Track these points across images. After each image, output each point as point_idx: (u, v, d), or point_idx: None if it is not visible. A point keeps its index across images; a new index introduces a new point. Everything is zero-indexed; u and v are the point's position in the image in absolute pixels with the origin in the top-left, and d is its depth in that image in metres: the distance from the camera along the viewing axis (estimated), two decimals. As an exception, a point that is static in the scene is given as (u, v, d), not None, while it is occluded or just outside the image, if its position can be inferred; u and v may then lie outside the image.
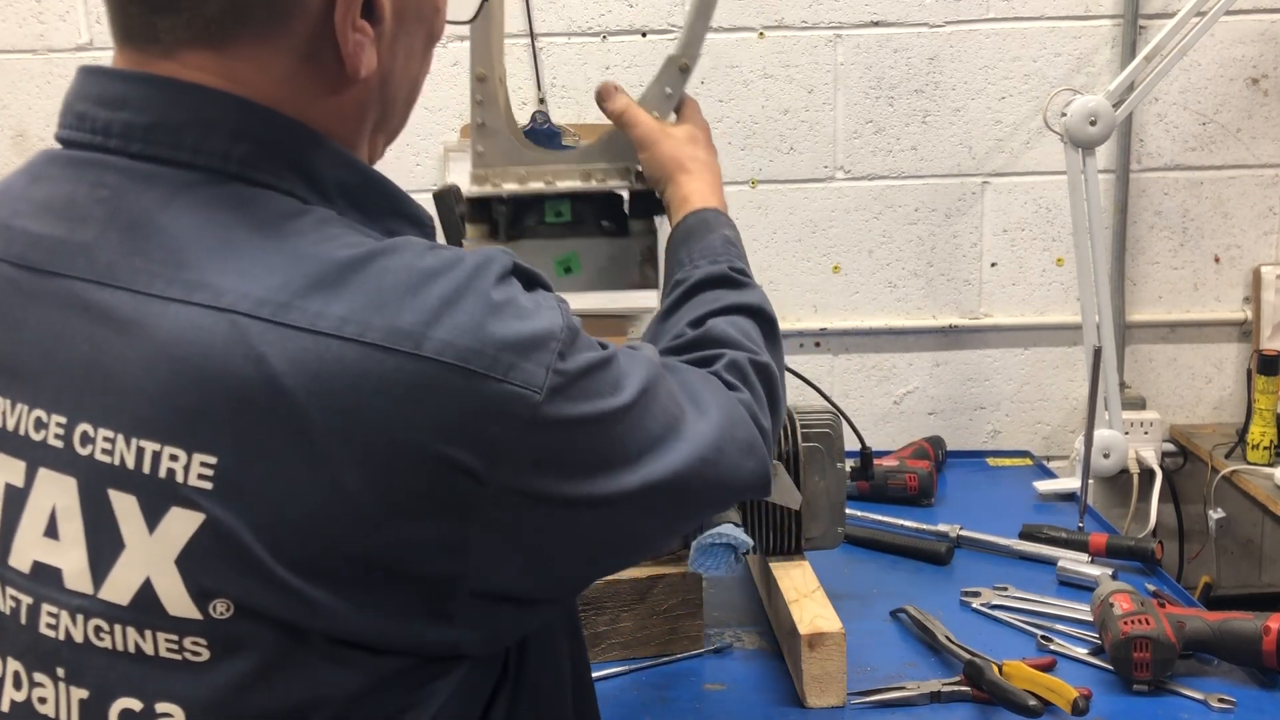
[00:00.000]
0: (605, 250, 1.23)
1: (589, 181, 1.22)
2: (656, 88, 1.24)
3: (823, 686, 1.30)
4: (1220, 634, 1.33)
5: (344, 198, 0.77)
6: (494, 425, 0.68)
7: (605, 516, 0.75)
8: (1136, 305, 2.31)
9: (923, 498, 1.92)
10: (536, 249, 1.22)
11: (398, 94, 0.84)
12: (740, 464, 0.87)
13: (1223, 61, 2.21)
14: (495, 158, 1.22)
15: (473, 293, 0.70)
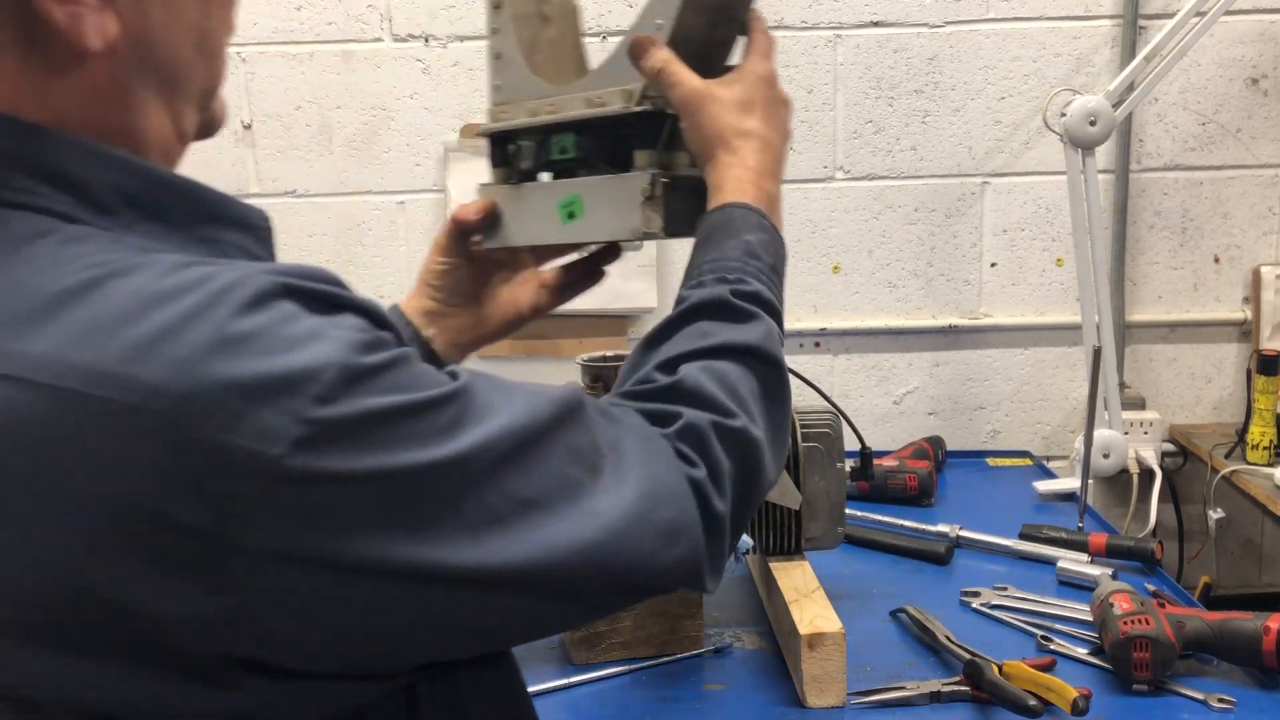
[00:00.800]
0: (606, 189, 1.04)
1: (589, 108, 1.05)
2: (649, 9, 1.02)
3: (823, 686, 1.30)
4: (1220, 634, 1.33)
5: (133, 207, 0.67)
6: (224, 482, 0.57)
7: (421, 591, 0.63)
8: (1136, 305, 2.31)
9: (923, 498, 1.92)
10: (542, 193, 1.09)
11: (176, 50, 0.70)
12: (655, 551, 0.73)
13: (1222, 61, 2.21)
14: (512, 90, 1.11)
15: (203, 322, 0.58)
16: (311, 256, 2.27)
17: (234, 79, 2.21)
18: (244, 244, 0.72)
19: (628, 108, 1.01)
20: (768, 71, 0.99)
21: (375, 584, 0.62)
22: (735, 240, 0.92)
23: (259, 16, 2.20)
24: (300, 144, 2.24)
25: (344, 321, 0.65)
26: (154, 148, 0.71)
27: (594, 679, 1.38)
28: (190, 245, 0.68)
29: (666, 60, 0.97)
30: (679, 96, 0.96)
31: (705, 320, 0.87)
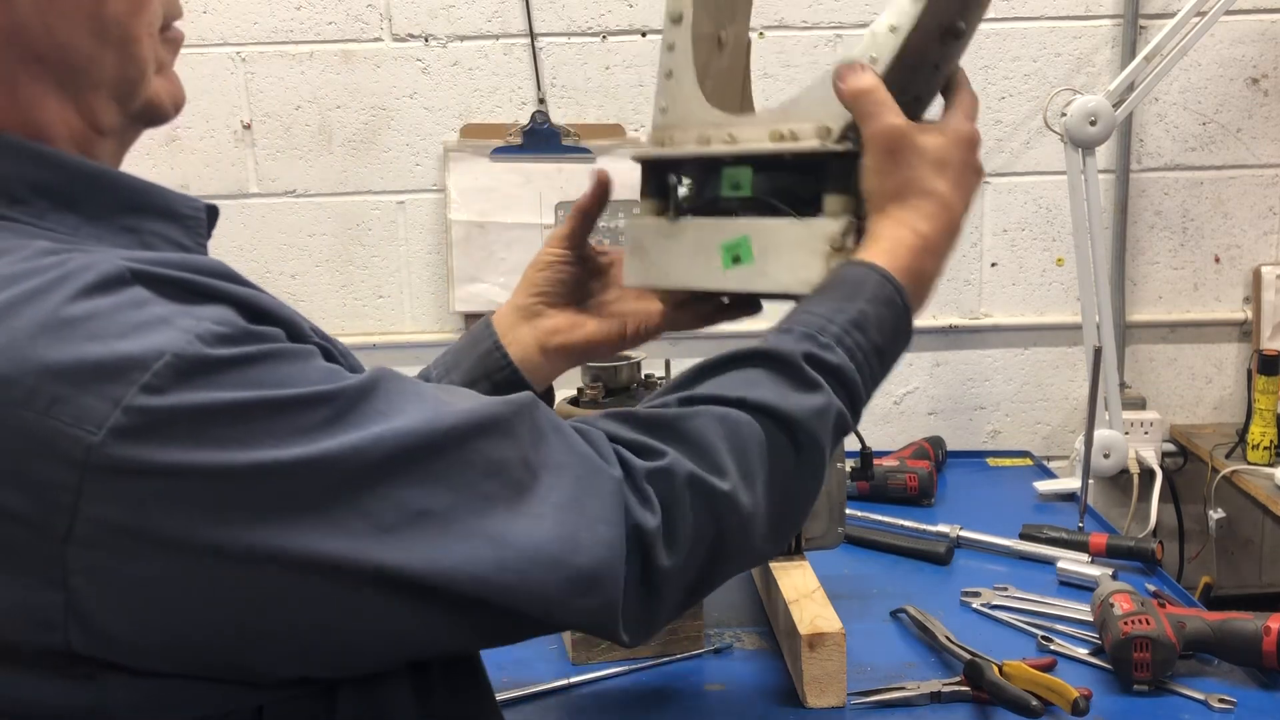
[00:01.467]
0: (784, 235, 0.93)
1: (776, 142, 0.94)
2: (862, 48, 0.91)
3: (823, 686, 1.30)
4: (1220, 634, 1.32)
5: (44, 197, 0.66)
6: (44, 467, 0.56)
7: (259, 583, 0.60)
8: (1136, 305, 2.31)
9: (923, 498, 1.92)
10: (703, 231, 0.97)
11: (64, 39, 0.67)
12: (560, 598, 0.67)
13: (1223, 61, 2.21)
14: (680, 113, 1.00)
15: (35, 305, 0.57)
16: (311, 256, 2.27)
17: (234, 79, 2.21)
18: (169, 234, 0.70)
19: (825, 145, 0.91)
20: (971, 133, 0.92)
21: (208, 577, 0.59)
22: (852, 305, 0.84)
23: (259, 16, 2.19)
24: (300, 144, 2.24)
25: (202, 311, 0.61)
26: (61, 140, 0.68)
27: (594, 679, 1.38)
28: (110, 235, 0.67)
29: (875, 86, 0.88)
30: (877, 129, 0.88)
31: (763, 370, 0.81)
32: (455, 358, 1.11)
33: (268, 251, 2.27)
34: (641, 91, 2.22)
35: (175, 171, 2.24)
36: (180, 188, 2.37)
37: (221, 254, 2.28)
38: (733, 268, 0.96)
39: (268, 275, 2.27)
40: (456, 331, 2.29)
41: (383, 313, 2.31)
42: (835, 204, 0.92)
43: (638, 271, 1.03)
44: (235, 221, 2.26)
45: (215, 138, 2.24)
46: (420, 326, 2.31)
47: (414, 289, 2.30)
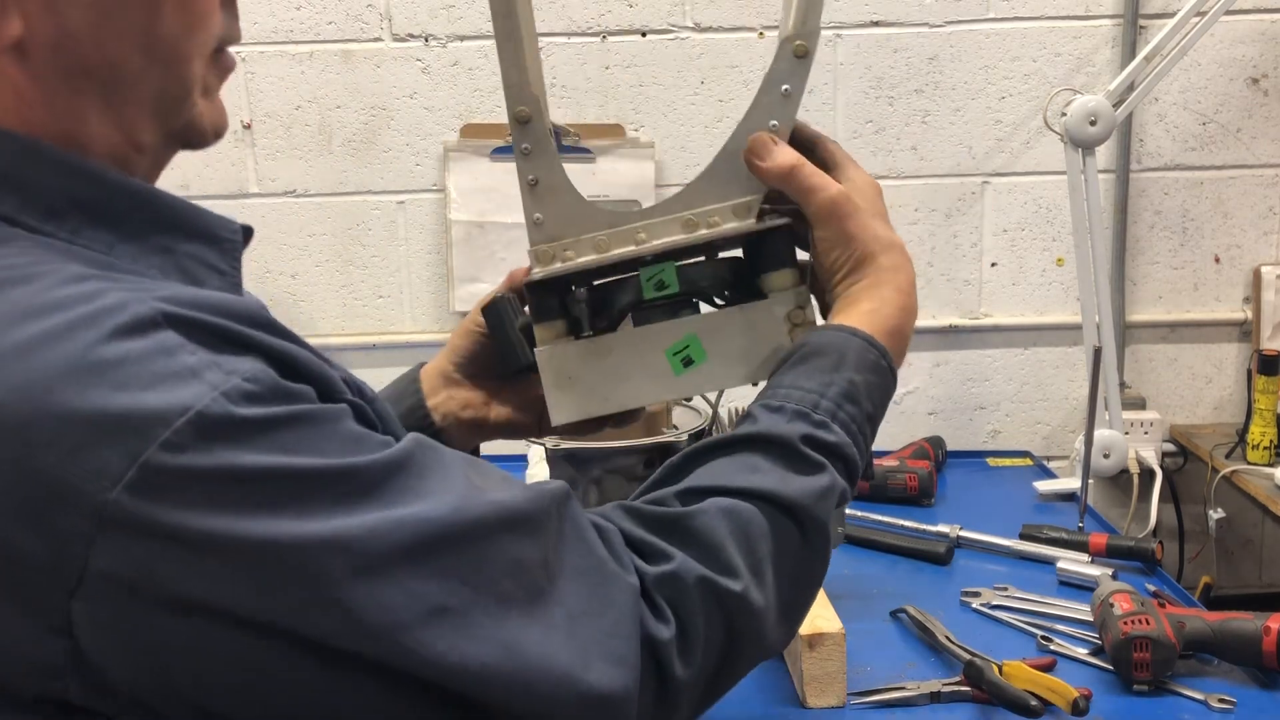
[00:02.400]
0: (735, 324, 0.89)
1: (695, 231, 0.89)
2: (769, 90, 0.88)
3: (823, 686, 1.30)
4: (1220, 634, 1.33)
5: (82, 214, 0.64)
6: (59, 515, 0.55)
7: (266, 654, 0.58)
8: (1136, 305, 2.31)
9: (923, 498, 1.92)
10: (639, 342, 0.91)
11: (113, 54, 0.65)
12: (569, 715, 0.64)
13: (1223, 61, 2.21)
14: (561, 224, 0.91)
15: (64, 344, 0.56)
16: (311, 256, 2.27)
17: (234, 79, 2.20)
18: (205, 256, 0.69)
19: (755, 227, 0.88)
20: (872, 178, 0.89)
21: (212, 642, 0.57)
22: (840, 375, 0.81)
23: (259, 16, 2.19)
24: (300, 144, 2.24)
25: (233, 364, 0.59)
26: (99, 155, 0.67)
27: (594, 679, 1.38)
28: (145, 255, 0.66)
29: (799, 162, 0.86)
30: (822, 202, 0.85)
31: (761, 455, 0.77)
32: None
33: (268, 251, 2.27)
34: (641, 91, 2.22)
35: (175, 171, 2.23)
36: (180, 188, 2.37)
37: (221, 254, 2.23)
38: (685, 372, 0.91)
39: (268, 275, 2.27)
40: (456, 331, 2.29)
41: (383, 313, 2.30)
42: (784, 278, 0.90)
43: (572, 404, 0.92)
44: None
45: (215, 138, 2.23)
46: (420, 326, 2.31)
47: (414, 289, 2.30)
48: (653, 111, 2.23)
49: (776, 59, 0.88)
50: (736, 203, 0.89)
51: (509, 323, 0.96)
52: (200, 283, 0.67)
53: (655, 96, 2.23)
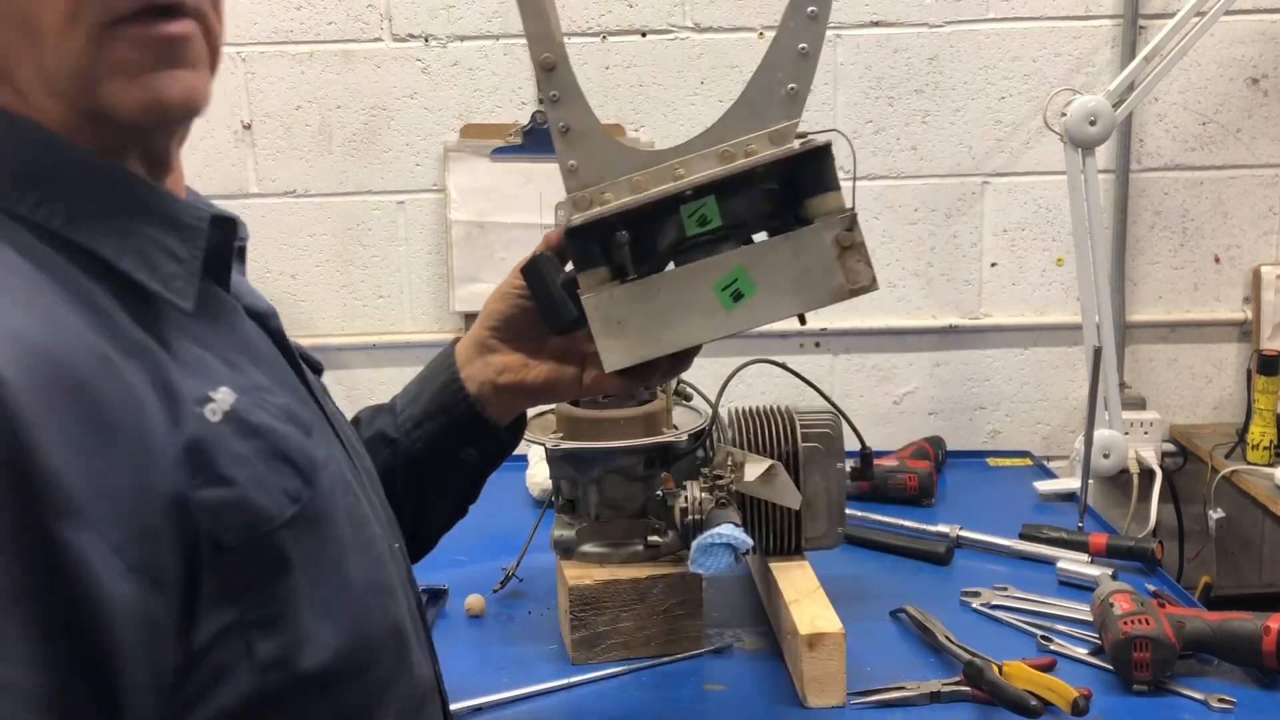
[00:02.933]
0: (783, 253, 0.88)
1: (733, 162, 0.88)
2: (788, 31, 0.87)
3: (823, 686, 1.30)
4: (1220, 634, 1.33)
5: (45, 186, 0.63)
6: None
7: None
8: (1136, 305, 2.31)
9: (923, 498, 1.92)
10: (687, 280, 0.89)
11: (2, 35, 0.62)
12: None
13: (1223, 61, 2.21)
14: (596, 168, 0.90)
15: None
16: (311, 256, 2.27)
17: (234, 79, 2.21)
18: (163, 241, 0.67)
19: (792, 151, 0.87)
20: None
21: None
22: None
23: (259, 16, 2.19)
24: (300, 144, 2.24)
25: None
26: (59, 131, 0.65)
27: (594, 679, 1.38)
28: (102, 236, 0.64)
29: None
30: None
31: None
32: (419, 388, 1.09)
33: (268, 251, 2.27)
34: (641, 91, 2.22)
35: (175, 171, 2.24)
36: (180, 188, 2.36)
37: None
38: (736, 306, 0.89)
39: (268, 275, 2.27)
40: (456, 331, 2.29)
41: (383, 313, 2.31)
42: (829, 201, 0.88)
43: (623, 349, 0.91)
44: (235, 221, 2.26)
45: (215, 138, 2.24)
46: (420, 326, 2.31)
47: (414, 289, 2.30)
48: (653, 111, 2.23)
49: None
50: (773, 130, 0.88)
51: (550, 279, 0.95)
52: (156, 267, 0.66)
53: (655, 96, 2.23)
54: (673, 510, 1.41)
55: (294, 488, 0.67)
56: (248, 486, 0.63)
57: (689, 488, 1.41)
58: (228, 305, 0.74)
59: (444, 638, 1.53)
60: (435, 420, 1.05)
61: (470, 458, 1.07)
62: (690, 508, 1.39)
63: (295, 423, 0.70)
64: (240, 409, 0.65)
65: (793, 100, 0.88)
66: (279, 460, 0.67)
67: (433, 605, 1.60)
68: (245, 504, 0.63)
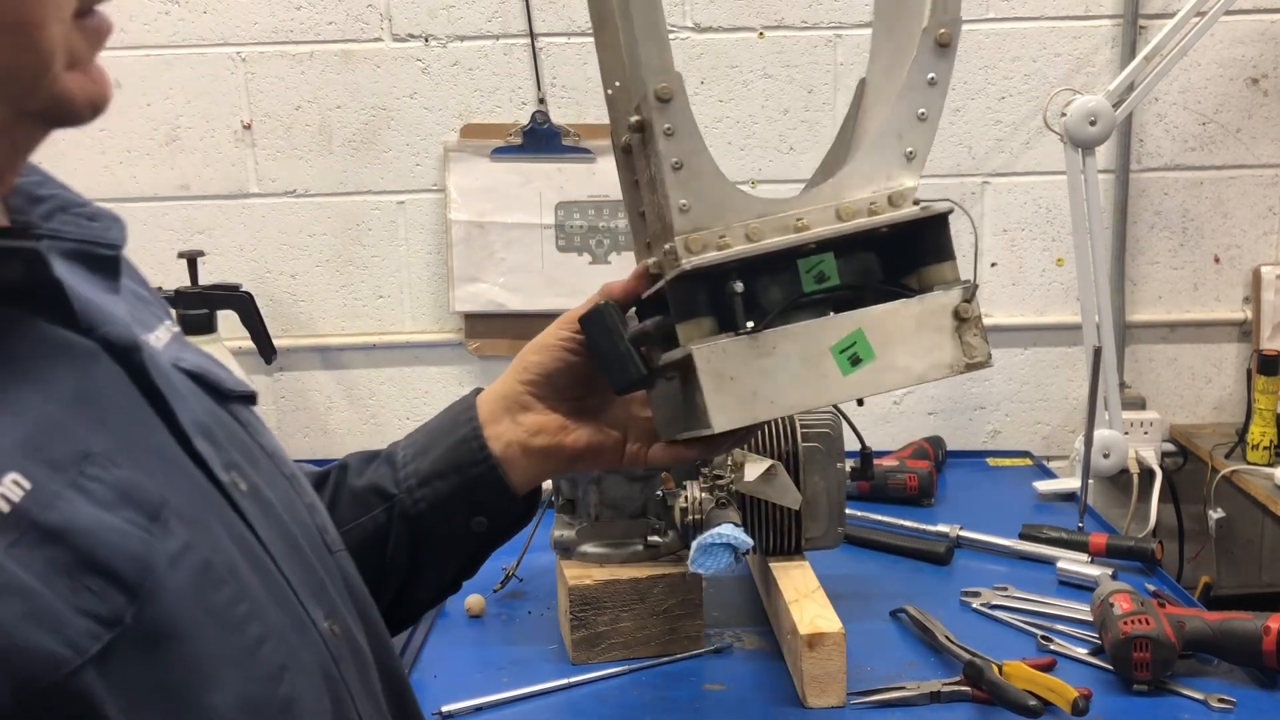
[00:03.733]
0: (904, 319, 0.83)
1: (854, 219, 0.84)
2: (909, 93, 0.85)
3: (823, 686, 1.30)
4: (1220, 634, 1.33)
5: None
6: None
7: None
8: (1136, 305, 2.31)
9: (923, 498, 1.92)
10: (805, 338, 0.83)
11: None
12: None
13: (1223, 61, 2.21)
14: (710, 211, 0.83)
15: None
16: (311, 256, 2.27)
17: (234, 79, 2.21)
18: None
19: (913, 216, 0.84)
20: None
21: None
22: None
23: (259, 16, 2.19)
24: (300, 144, 2.24)
25: None
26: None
27: (594, 679, 1.38)
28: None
29: None
30: None
31: None
32: (429, 439, 0.95)
33: (268, 251, 2.27)
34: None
35: (175, 171, 2.24)
36: (180, 188, 2.37)
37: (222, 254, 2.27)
38: (854, 371, 0.83)
39: (268, 275, 2.27)
40: (456, 331, 2.29)
41: (383, 313, 2.31)
42: (944, 271, 0.85)
43: (732, 407, 0.83)
44: (235, 221, 2.26)
45: (215, 138, 2.24)
46: (420, 326, 2.31)
47: (414, 289, 2.30)
48: (653, 111, 2.23)
49: (920, 49, 0.85)
50: (893, 190, 0.86)
51: (617, 332, 0.89)
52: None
53: (655, 96, 2.22)
54: (673, 510, 1.41)
55: (109, 609, 0.51)
56: (17, 628, 0.47)
57: (689, 488, 1.41)
58: (55, 350, 0.58)
59: (444, 638, 1.53)
60: (446, 479, 0.92)
61: (479, 527, 0.94)
62: (690, 508, 1.39)
63: (134, 505, 0.54)
64: (32, 506, 0.50)
65: (911, 162, 0.86)
66: (87, 572, 0.51)
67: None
68: (14, 653, 0.47)
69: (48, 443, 0.53)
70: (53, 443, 0.53)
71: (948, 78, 0.85)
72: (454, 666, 1.45)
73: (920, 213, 0.84)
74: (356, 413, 2.32)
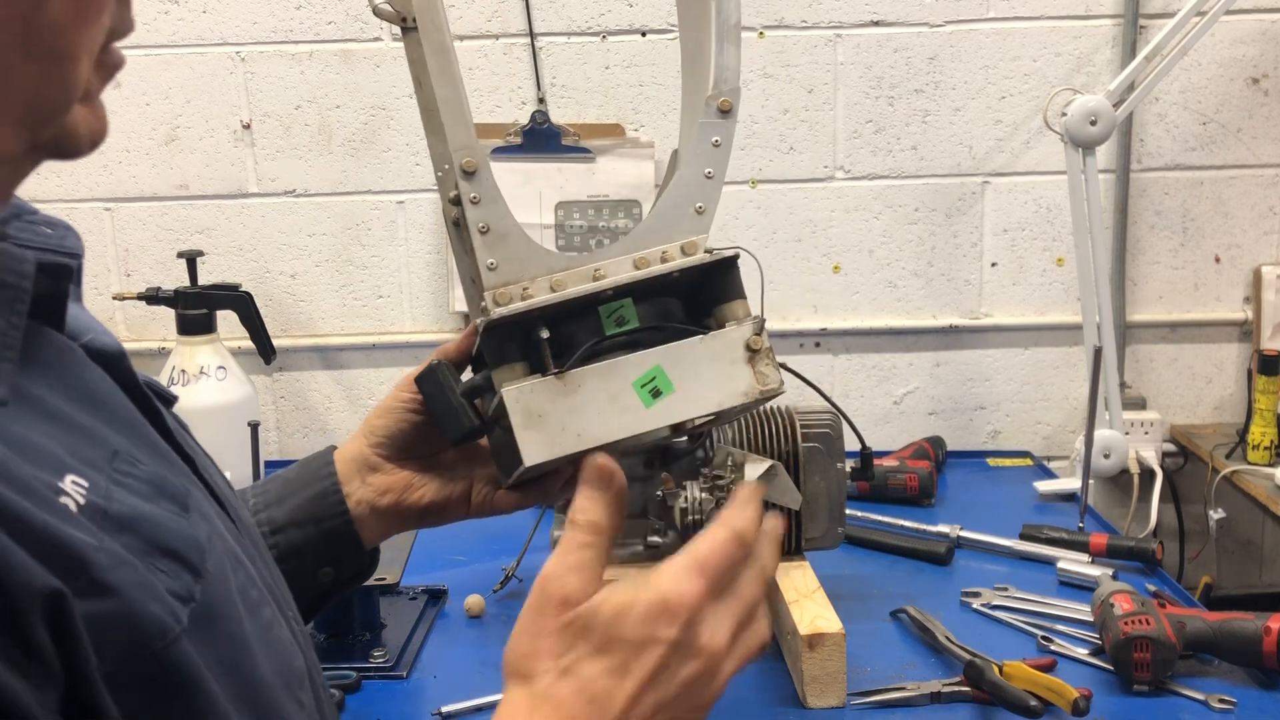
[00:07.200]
0: (699, 354, 0.91)
1: (649, 267, 0.93)
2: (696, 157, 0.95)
3: (823, 687, 1.30)
4: (1220, 634, 1.33)
5: None
6: None
7: None
8: (1137, 305, 2.31)
9: (923, 498, 1.92)
10: (607, 376, 0.90)
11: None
12: None
13: (1223, 61, 2.21)
14: (515, 267, 0.93)
15: None
16: (311, 256, 2.27)
17: (233, 79, 2.21)
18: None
19: (702, 261, 0.93)
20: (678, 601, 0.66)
21: None
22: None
23: (259, 16, 2.19)
24: (300, 144, 2.24)
25: None
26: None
27: (594, 679, 1.38)
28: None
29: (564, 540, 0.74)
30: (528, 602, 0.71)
31: None
32: (283, 490, 0.97)
33: (267, 251, 2.27)
34: (641, 91, 2.22)
35: (175, 171, 2.24)
36: (180, 188, 2.37)
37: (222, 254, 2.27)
38: (655, 403, 0.91)
39: (267, 275, 2.27)
40: (456, 331, 2.29)
41: (382, 313, 2.30)
42: (736, 309, 0.94)
43: (542, 442, 0.90)
44: (235, 221, 2.26)
45: (215, 138, 2.24)
46: (420, 326, 2.31)
47: (414, 289, 2.30)
48: (653, 111, 2.23)
49: (705, 115, 0.95)
50: (684, 241, 0.94)
51: (449, 387, 0.94)
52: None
53: (655, 96, 2.23)
54: (673, 511, 1.41)
55: (183, 585, 0.55)
56: (133, 595, 0.51)
57: (689, 488, 1.41)
58: (65, 355, 0.60)
59: (444, 638, 1.53)
60: (302, 529, 0.95)
61: (325, 577, 0.97)
62: (690, 508, 1.39)
63: (167, 496, 0.58)
64: (98, 499, 0.53)
65: (701, 216, 0.95)
66: (159, 554, 0.55)
67: (432, 606, 1.60)
68: (133, 618, 0.51)
69: (83, 443, 0.55)
70: (86, 443, 0.56)
71: (730, 139, 0.95)
72: (454, 666, 1.45)
73: (708, 258, 0.93)
74: (356, 413, 2.32)
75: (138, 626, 0.51)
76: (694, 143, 0.95)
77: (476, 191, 0.95)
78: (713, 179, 0.95)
